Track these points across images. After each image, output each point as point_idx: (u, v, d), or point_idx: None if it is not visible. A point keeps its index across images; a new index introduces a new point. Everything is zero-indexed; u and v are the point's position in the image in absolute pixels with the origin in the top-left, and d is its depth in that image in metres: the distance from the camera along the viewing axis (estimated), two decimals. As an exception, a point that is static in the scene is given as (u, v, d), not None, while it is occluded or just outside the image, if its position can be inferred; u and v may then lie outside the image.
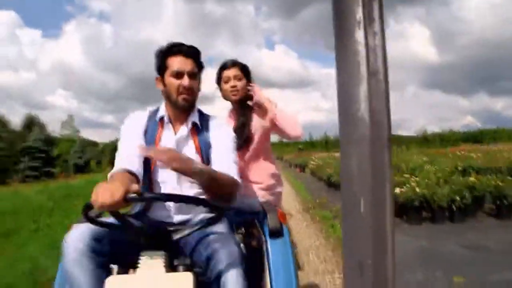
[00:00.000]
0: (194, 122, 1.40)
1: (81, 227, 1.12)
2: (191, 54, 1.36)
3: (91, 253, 1.05)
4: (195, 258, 1.13)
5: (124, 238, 1.09)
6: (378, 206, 0.32)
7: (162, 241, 1.01)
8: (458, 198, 4.51)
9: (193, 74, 1.35)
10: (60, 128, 37.83)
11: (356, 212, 0.32)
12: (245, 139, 1.81)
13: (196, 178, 1.22)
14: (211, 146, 1.40)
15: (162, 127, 1.39)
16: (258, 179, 1.84)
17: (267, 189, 1.84)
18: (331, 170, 9.41)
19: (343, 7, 0.32)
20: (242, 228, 1.45)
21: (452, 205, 4.52)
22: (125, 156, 1.28)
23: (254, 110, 1.86)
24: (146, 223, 1.25)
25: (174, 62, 1.33)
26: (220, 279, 1.08)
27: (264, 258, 1.33)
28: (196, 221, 1.34)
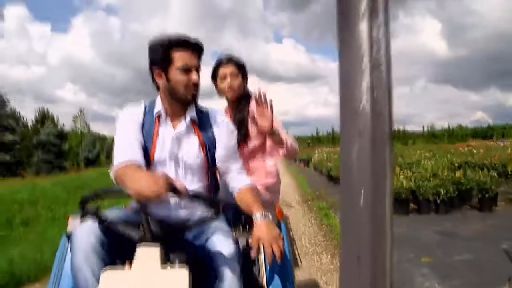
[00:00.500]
0: (193, 116, 1.36)
1: (89, 222, 1.11)
2: (198, 49, 1.31)
3: (100, 248, 1.05)
4: (192, 254, 1.09)
5: (123, 232, 1.05)
6: (378, 199, 0.31)
7: (159, 236, 0.99)
8: (442, 192, 4.88)
9: (199, 70, 1.32)
10: (71, 122, 38.82)
11: (355, 205, 0.32)
12: (242, 136, 1.78)
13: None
14: (216, 142, 1.38)
15: (159, 122, 1.34)
16: (256, 177, 1.82)
17: (265, 186, 1.83)
18: (332, 164, 9.79)
19: None
20: (239, 225, 1.44)
21: (436, 198, 4.90)
22: (127, 148, 1.24)
23: (250, 109, 1.80)
24: (145, 218, 1.24)
25: (181, 57, 1.26)
26: (216, 276, 1.07)
27: (261, 254, 1.31)
28: (195, 217, 1.33)
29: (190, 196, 1.04)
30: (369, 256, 0.32)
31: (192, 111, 1.36)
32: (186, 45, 1.27)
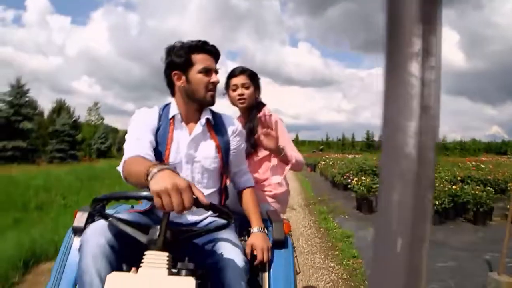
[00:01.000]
0: (208, 118, 1.39)
1: (100, 222, 1.12)
2: (215, 54, 1.37)
3: (110, 251, 1.05)
4: (199, 262, 1.07)
5: (131, 235, 1.04)
6: (416, 246, 0.29)
7: (167, 241, 0.98)
8: (437, 203, 5.07)
9: (217, 72, 1.37)
10: (86, 114, 39.76)
11: (390, 251, 0.29)
12: (252, 145, 1.81)
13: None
14: (230, 146, 1.41)
15: (173, 126, 1.35)
16: (265, 187, 1.85)
17: (274, 197, 1.85)
18: (336, 171, 9.99)
19: (399, 36, 0.30)
20: (246, 235, 1.44)
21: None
22: (139, 145, 1.22)
23: (260, 120, 1.82)
24: (153, 222, 1.23)
25: (202, 59, 1.32)
26: (223, 286, 1.07)
27: (265, 266, 1.32)
28: (204, 224, 1.35)
29: (208, 205, 0.99)
30: None
31: (207, 114, 1.39)
32: (205, 49, 1.34)
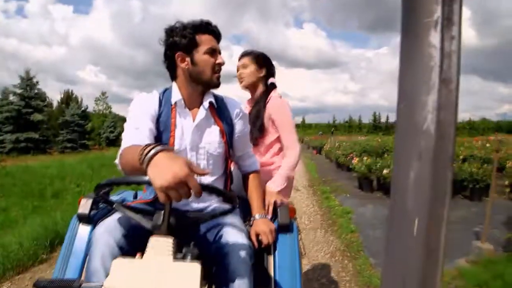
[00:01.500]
0: (211, 101, 1.34)
1: (108, 221, 1.12)
2: (218, 35, 1.33)
3: (119, 251, 1.05)
4: (205, 247, 1.08)
5: (137, 223, 1.04)
6: (434, 228, 0.29)
7: (173, 227, 0.98)
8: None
9: (220, 53, 1.34)
10: (94, 103, 40.33)
11: (407, 233, 0.29)
12: (259, 129, 1.81)
13: None
14: (234, 130, 1.39)
15: (176, 111, 1.31)
16: (271, 171, 1.84)
17: None
18: (340, 152, 10.20)
19: (417, 4, 0.28)
20: (250, 219, 1.42)
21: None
22: (137, 134, 1.20)
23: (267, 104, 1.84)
24: (159, 208, 1.21)
25: (207, 40, 1.28)
26: (228, 271, 1.07)
27: (270, 250, 1.33)
28: (209, 210, 1.33)
29: (210, 189, 1.01)
30: (418, 286, 0.29)
31: (210, 97, 1.35)
32: (209, 29, 1.30)
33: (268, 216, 1.42)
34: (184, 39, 1.26)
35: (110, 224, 1.11)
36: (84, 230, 1.34)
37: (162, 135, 1.27)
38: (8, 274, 2.83)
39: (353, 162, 7.40)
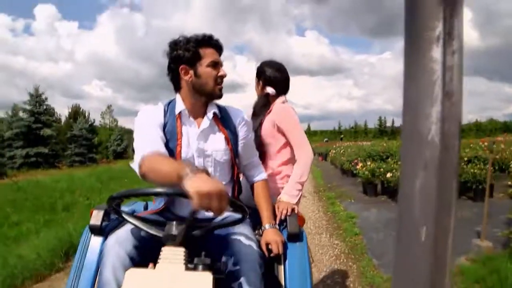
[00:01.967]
0: (215, 112, 1.39)
1: (120, 233, 1.15)
2: (220, 48, 1.38)
3: (130, 263, 1.06)
4: (216, 257, 1.09)
5: (147, 234, 1.07)
6: (441, 236, 0.29)
7: (184, 237, 1.00)
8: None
9: (222, 65, 1.38)
10: (100, 117, 41.00)
11: (415, 240, 0.30)
12: (256, 137, 1.79)
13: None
14: (238, 137, 1.42)
15: (180, 121, 1.35)
16: (279, 180, 1.83)
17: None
18: (345, 159, 10.27)
19: (419, 20, 0.29)
20: (260, 228, 1.43)
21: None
22: (152, 141, 1.25)
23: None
24: (169, 218, 1.21)
25: (209, 53, 1.33)
26: (239, 281, 1.08)
27: (280, 259, 1.33)
28: (219, 219, 1.33)
29: (233, 204, 1.03)
30: None
31: (213, 108, 1.39)
32: (211, 43, 1.35)
33: (276, 225, 1.43)
34: (187, 53, 1.31)
35: (121, 235, 1.13)
36: (96, 241, 1.36)
37: (169, 144, 1.31)
38: (27, 283, 2.97)
39: (357, 167, 7.49)
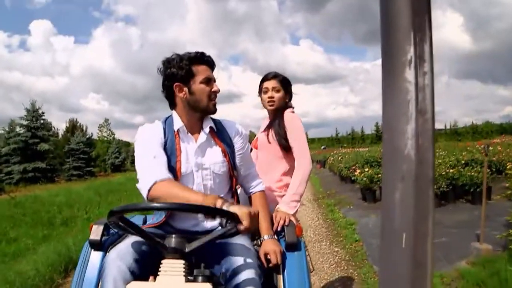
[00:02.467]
0: (211, 126, 1.43)
1: (120, 247, 1.16)
2: (212, 64, 1.42)
3: (131, 277, 1.07)
4: (215, 268, 1.11)
5: (147, 248, 1.10)
6: (420, 242, 0.31)
7: (182, 250, 1.01)
8: (435, 187, 5.36)
9: (215, 81, 1.42)
10: (97, 130, 41.03)
11: (397, 247, 0.32)
12: (284, 138, 1.86)
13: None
14: (235, 150, 1.46)
15: (179, 138, 1.39)
16: (278, 188, 1.89)
17: None
18: (342, 165, 10.29)
19: (393, 46, 0.32)
20: (258, 239, 1.44)
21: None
22: (161, 165, 1.28)
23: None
24: (168, 232, 1.24)
25: (202, 70, 1.36)
26: None
27: (279, 269, 1.34)
28: (217, 231, 1.34)
29: (220, 211, 1.06)
30: None
31: (209, 122, 1.44)
32: (204, 60, 1.39)
33: (275, 235, 1.44)
34: (181, 71, 1.34)
35: (121, 249, 1.14)
36: (96, 256, 1.36)
37: (170, 160, 1.34)
38: (26, 300, 2.95)
39: (355, 174, 7.50)
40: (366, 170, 6.95)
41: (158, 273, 0.96)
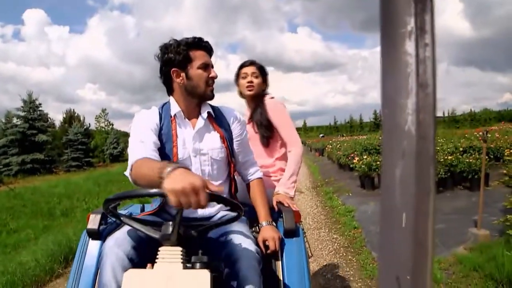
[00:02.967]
0: (209, 112, 1.42)
1: (117, 234, 1.15)
2: (210, 50, 1.40)
3: (129, 263, 1.07)
4: (213, 255, 1.09)
5: (144, 236, 1.09)
6: (421, 221, 0.30)
7: (180, 236, 1.01)
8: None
9: (213, 67, 1.40)
10: (95, 121, 40.86)
11: (396, 226, 0.30)
12: (266, 127, 1.89)
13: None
14: (234, 137, 1.45)
15: (176, 123, 1.38)
16: (273, 173, 1.91)
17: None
18: (341, 153, 10.30)
19: (392, 17, 0.31)
20: (256, 226, 1.44)
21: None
22: (143, 147, 1.25)
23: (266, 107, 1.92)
24: (166, 219, 1.23)
25: (200, 55, 1.35)
26: (237, 278, 1.09)
27: (278, 255, 1.34)
28: (215, 218, 1.37)
29: (218, 198, 1.03)
30: (410, 277, 0.30)
31: (207, 108, 1.42)
32: (201, 45, 1.36)
33: (273, 222, 1.44)
34: (178, 56, 1.32)
35: (119, 237, 1.14)
36: (94, 245, 1.37)
37: (166, 146, 1.34)
38: (27, 290, 2.97)
39: (354, 161, 7.52)
40: (365, 157, 6.96)
41: (156, 260, 0.96)
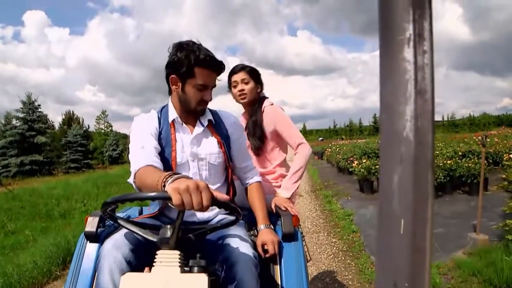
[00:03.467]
0: (209, 119, 1.42)
1: (115, 237, 1.15)
2: (218, 71, 1.36)
3: (127, 267, 1.07)
4: (211, 259, 1.10)
5: (142, 239, 1.08)
6: (419, 226, 0.30)
7: (178, 240, 1.00)
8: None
9: (213, 88, 1.38)
10: (94, 123, 40.82)
11: (394, 232, 0.31)
12: (259, 138, 1.86)
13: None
14: (231, 142, 1.46)
15: (174, 128, 1.38)
16: (273, 179, 1.89)
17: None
18: (340, 157, 10.31)
19: (391, 23, 0.31)
20: (255, 229, 1.44)
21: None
22: (147, 154, 1.24)
23: (263, 113, 1.89)
24: (164, 222, 1.23)
25: (201, 75, 1.30)
26: (234, 282, 1.08)
27: (276, 259, 1.33)
28: (213, 222, 1.37)
29: (219, 203, 1.01)
30: (407, 284, 0.30)
31: (208, 115, 1.43)
32: (209, 65, 1.31)
33: (271, 225, 1.43)
34: (182, 67, 1.29)
35: (117, 239, 1.13)
36: (91, 247, 1.36)
37: (165, 150, 1.34)
38: (24, 292, 2.96)
39: (353, 165, 7.52)
40: (364, 161, 6.96)
41: (154, 264, 0.96)
